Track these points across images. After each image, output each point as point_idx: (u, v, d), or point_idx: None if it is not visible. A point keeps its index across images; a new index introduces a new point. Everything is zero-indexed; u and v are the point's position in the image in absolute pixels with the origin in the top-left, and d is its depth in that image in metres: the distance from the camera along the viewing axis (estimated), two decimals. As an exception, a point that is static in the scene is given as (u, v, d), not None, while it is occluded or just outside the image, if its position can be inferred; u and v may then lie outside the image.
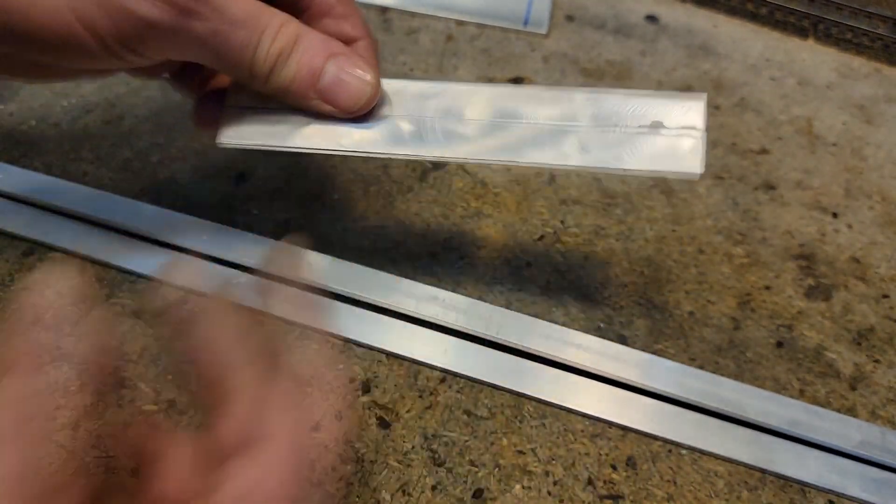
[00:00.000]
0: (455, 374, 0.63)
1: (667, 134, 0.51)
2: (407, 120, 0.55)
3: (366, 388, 0.62)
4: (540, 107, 0.53)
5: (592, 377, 0.63)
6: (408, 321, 0.66)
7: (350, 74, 0.53)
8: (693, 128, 0.50)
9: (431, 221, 0.75)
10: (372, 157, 0.55)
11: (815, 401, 0.64)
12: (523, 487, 0.57)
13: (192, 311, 0.39)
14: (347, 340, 0.64)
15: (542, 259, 0.73)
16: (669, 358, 0.65)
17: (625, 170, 0.51)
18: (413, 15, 1.00)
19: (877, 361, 0.67)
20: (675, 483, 0.58)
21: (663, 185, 0.80)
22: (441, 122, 0.55)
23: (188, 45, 0.49)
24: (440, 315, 0.66)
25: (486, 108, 0.53)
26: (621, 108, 0.52)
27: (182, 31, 0.47)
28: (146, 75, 0.63)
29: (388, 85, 0.56)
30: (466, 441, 0.59)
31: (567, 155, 0.52)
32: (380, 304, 0.66)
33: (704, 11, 1.05)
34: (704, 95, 0.52)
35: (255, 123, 0.55)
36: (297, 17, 0.53)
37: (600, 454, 0.59)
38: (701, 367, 0.65)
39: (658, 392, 0.62)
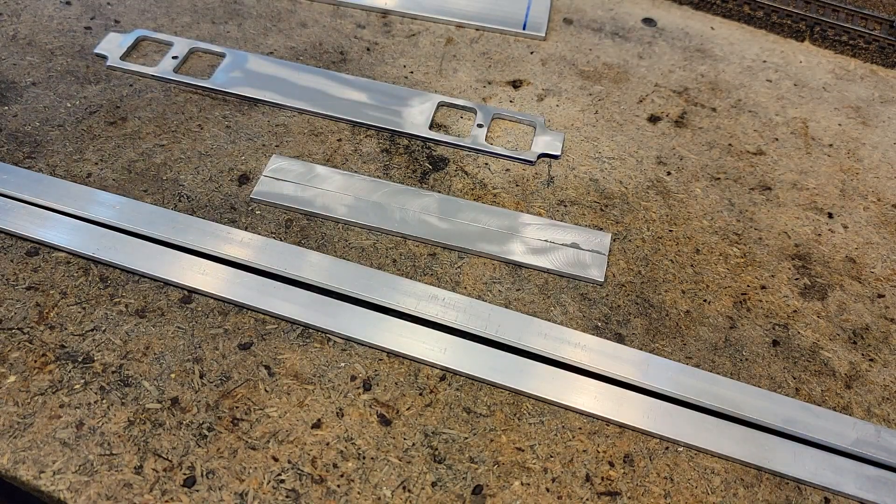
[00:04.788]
0: (455, 373, 0.63)
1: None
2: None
3: (367, 386, 0.62)
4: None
5: (590, 375, 0.64)
6: (408, 320, 0.66)
7: None
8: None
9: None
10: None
11: (810, 399, 0.64)
12: (522, 484, 0.58)
13: None
14: (348, 339, 0.65)
15: (541, 259, 0.73)
16: (666, 356, 0.66)
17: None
18: (413, 18, 1.00)
19: (872, 360, 0.68)
20: (671, 480, 0.59)
21: (660, 187, 0.81)
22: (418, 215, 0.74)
23: None
24: (440, 314, 0.66)
25: None
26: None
27: None
28: None
29: None
30: (466, 438, 0.60)
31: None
32: (380, 304, 0.67)
33: (701, 14, 1.06)
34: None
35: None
36: None
37: (598, 451, 0.60)
38: (697, 366, 0.66)
39: (655, 390, 0.63)
